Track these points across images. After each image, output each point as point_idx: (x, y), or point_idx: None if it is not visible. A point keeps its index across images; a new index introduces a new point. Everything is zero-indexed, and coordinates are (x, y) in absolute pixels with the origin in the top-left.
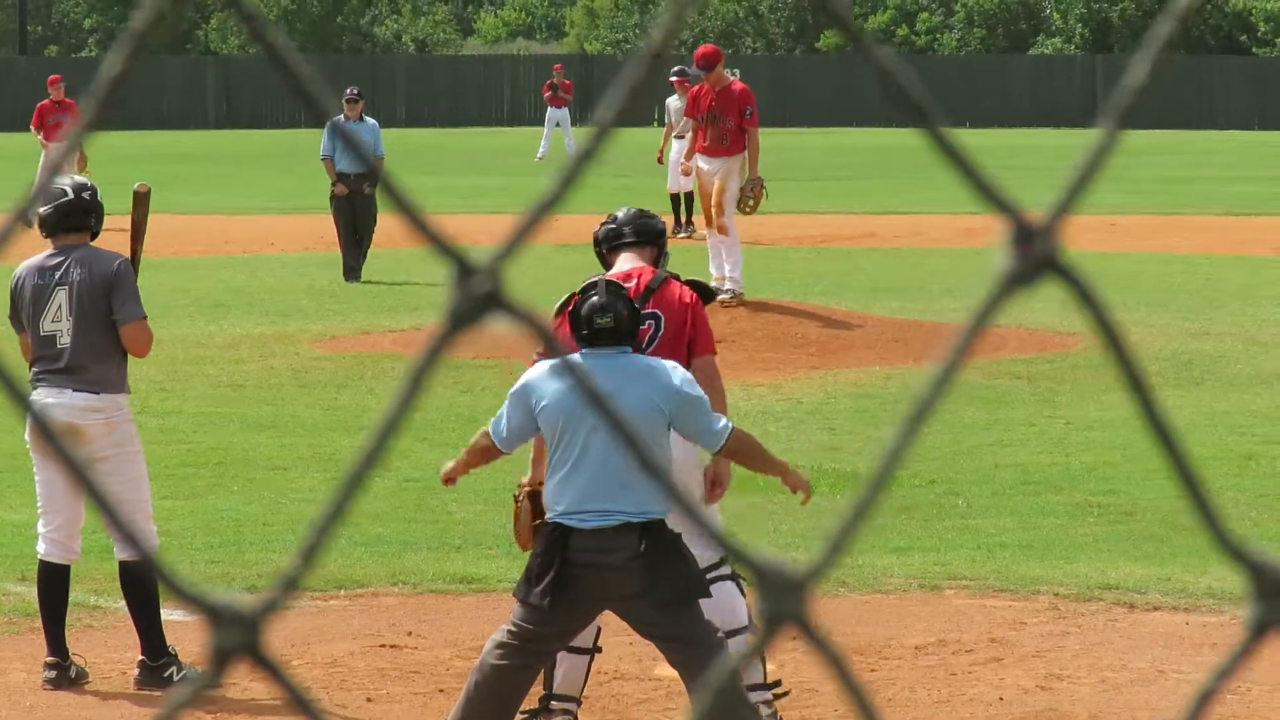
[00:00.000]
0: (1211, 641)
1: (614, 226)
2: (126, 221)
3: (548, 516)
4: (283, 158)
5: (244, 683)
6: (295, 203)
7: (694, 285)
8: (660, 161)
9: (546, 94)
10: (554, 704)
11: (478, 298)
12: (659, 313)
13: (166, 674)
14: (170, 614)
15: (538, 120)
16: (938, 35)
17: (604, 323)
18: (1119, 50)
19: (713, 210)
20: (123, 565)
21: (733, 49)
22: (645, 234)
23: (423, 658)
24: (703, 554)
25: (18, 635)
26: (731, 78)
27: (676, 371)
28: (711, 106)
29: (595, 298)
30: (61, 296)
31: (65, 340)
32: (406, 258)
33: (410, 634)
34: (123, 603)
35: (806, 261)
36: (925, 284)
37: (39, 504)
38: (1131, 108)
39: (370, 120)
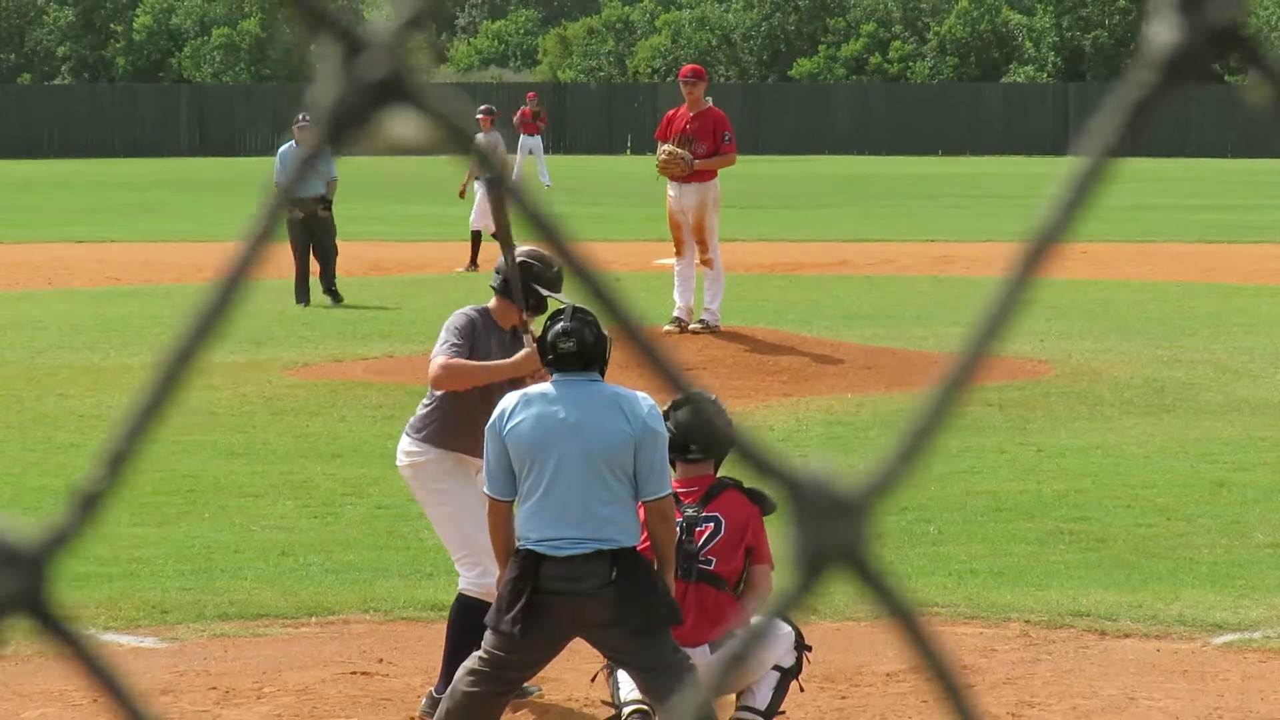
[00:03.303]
0: (1183, 668)
1: (675, 435)
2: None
3: (519, 544)
4: (255, 185)
5: (215, 710)
6: None
7: (754, 495)
8: (461, 196)
9: (517, 120)
10: (627, 710)
11: (369, 85)
12: (720, 516)
13: None
14: (142, 641)
15: (511, 148)
16: (910, 63)
17: (567, 346)
18: (1091, 79)
19: (694, 244)
20: (461, 595)
21: None
22: (711, 450)
23: (394, 685)
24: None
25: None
26: (709, 102)
27: (645, 402)
28: (685, 130)
29: (562, 323)
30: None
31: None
32: (379, 284)
33: (381, 661)
34: (93, 630)
35: (779, 289)
36: (897, 311)
37: (451, 545)
38: None
39: None
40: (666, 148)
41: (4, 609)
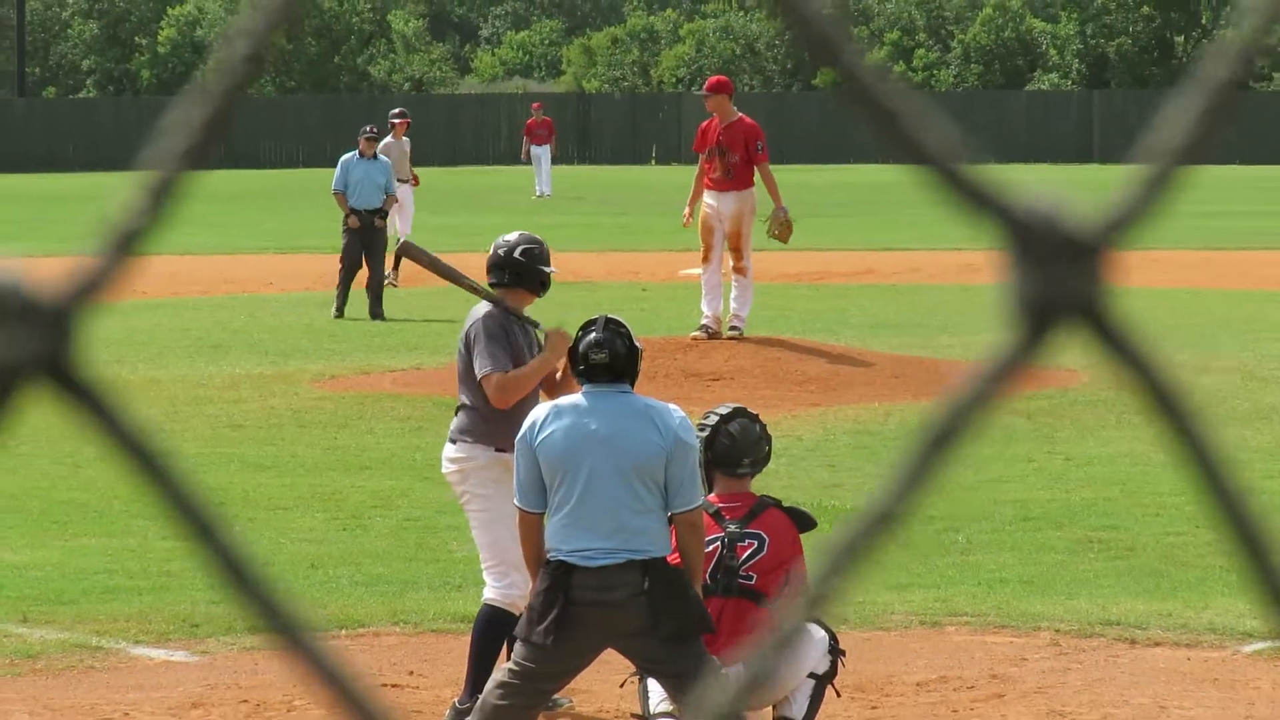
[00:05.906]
0: (1213, 676)
1: (730, 448)
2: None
3: (550, 555)
4: (280, 197)
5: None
6: (293, 242)
7: (794, 514)
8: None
9: (527, 134)
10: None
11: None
12: (763, 534)
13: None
14: (173, 654)
15: (514, 159)
16: (935, 71)
17: (599, 358)
18: (1115, 86)
19: (730, 253)
20: (485, 604)
21: None
22: (761, 463)
23: (424, 697)
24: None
25: (19, 677)
26: (739, 113)
27: (676, 414)
28: (719, 141)
29: (593, 334)
30: (460, 346)
31: (459, 388)
32: (405, 297)
33: (411, 673)
34: (124, 644)
35: (805, 298)
36: (924, 320)
37: (483, 550)
38: None
39: (384, 158)
40: (778, 221)
41: (20, 371)
